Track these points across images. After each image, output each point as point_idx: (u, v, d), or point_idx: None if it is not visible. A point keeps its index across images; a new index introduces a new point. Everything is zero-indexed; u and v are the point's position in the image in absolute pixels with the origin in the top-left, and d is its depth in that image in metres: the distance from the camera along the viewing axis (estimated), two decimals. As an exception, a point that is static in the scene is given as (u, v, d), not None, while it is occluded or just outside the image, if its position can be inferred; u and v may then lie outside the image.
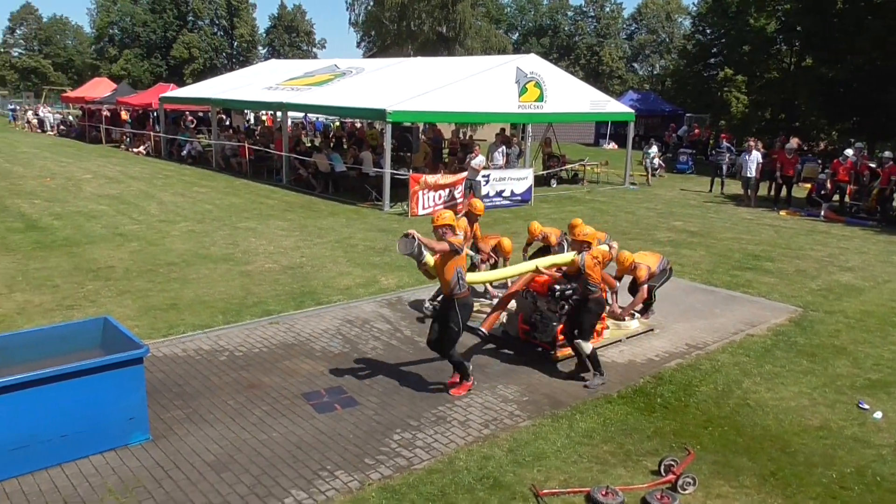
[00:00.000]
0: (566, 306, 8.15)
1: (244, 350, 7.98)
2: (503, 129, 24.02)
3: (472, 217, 9.82)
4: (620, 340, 8.71)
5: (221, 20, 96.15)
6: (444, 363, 7.82)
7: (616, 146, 39.61)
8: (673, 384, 7.46)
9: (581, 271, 7.37)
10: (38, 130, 41.51)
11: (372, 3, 51.78)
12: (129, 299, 9.61)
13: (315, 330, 8.75)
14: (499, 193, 18.87)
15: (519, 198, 19.27)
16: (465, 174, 18.33)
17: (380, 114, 17.79)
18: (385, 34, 51.49)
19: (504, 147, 21.39)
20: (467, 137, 28.09)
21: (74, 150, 30.80)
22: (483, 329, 7.81)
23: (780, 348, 8.67)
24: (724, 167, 23.42)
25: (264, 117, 37.17)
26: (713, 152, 26.15)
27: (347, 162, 20.67)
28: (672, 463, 5.61)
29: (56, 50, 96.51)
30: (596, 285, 7.37)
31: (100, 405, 5.66)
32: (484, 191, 18.44)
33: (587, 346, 7.36)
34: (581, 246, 7.57)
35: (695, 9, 49.39)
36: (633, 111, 25.21)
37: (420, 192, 17.03)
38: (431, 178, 17.40)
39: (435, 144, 24.22)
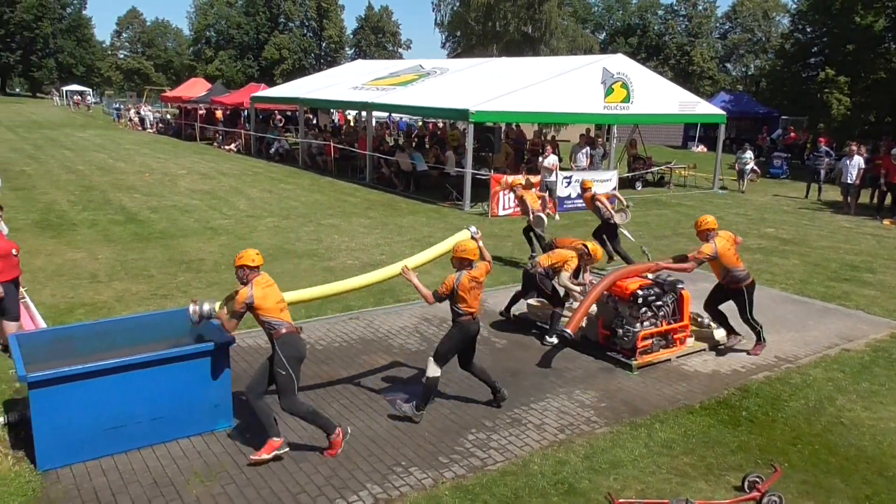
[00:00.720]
0: (648, 312, 7.97)
1: (324, 344, 8.18)
2: (587, 130, 23.67)
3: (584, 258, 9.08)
4: (704, 350, 8.43)
5: (311, 22, 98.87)
6: (521, 365, 7.78)
7: (705, 149, 38.34)
8: (760, 397, 7.16)
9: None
10: (139, 128, 43.78)
11: (458, 4, 52.11)
12: (217, 291, 10.01)
13: (393, 327, 8.88)
14: (580, 195, 18.57)
15: (602, 200, 18.91)
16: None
17: (462, 114, 17.86)
18: (470, 34, 51.67)
19: (588, 148, 21.08)
20: (548, 138, 27.83)
21: (171, 147, 32.34)
22: (568, 331, 7.70)
23: (880, 365, 8.18)
24: (822, 172, 22.28)
25: (335, 117, 37.92)
26: (811, 156, 24.81)
27: (429, 161, 20.85)
28: (757, 479, 5.39)
29: (157, 52, 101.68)
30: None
31: (188, 392, 5.93)
32: (565, 192, 18.23)
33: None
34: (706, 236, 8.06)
35: (795, 6, 47.15)
36: (724, 113, 24.37)
37: (501, 193, 16.99)
38: (511, 178, 17.31)
39: (517, 145, 24.11)
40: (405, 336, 8.58)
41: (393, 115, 38.37)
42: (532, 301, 9.43)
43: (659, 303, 8.02)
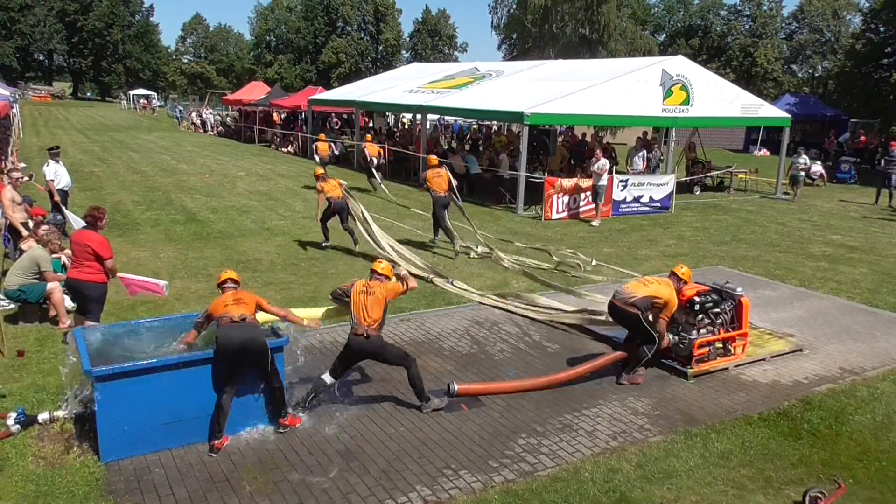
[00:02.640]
0: (705, 319, 7.78)
1: (376, 345, 8.24)
2: (645, 133, 23.29)
3: None
4: (764, 359, 8.19)
5: (368, 25, 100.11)
6: (566, 368, 7.69)
7: (768, 153, 37.26)
8: (823, 410, 6.91)
9: None
10: (201, 131, 45.06)
11: (515, 6, 51.99)
12: (273, 290, 10.21)
13: (444, 329, 8.90)
14: (637, 199, 18.32)
15: (658, 204, 18.61)
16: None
17: (517, 116, 17.79)
18: (526, 37, 51.45)
19: (645, 151, 20.74)
20: (602, 141, 27.49)
21: (231, 149, 33.17)
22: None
23: (954, 380, 7.80)
24: (894, 177, 21.37)
25: (391, 120, 38.21)
26: (881, 161, 23.78)
27: (483, 164, 20.83)
28: (819, 495, 5.20)
29: (219, 56, 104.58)
30: None
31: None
32: (621, 196, 17.97)
33: None
34: None
35: (867, 5, 45.43)
36: (789, 116, 23.64)
37: (555, 196, 16.86)
38: (567, 182, 17.17)
39: (574, 148, 23.88)
40: (456, 339, 8.60)
41: (446, 117, 38.53)
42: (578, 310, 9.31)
43: (717, 310, 7.83)
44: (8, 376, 7.00)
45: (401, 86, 26.71)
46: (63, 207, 13.08)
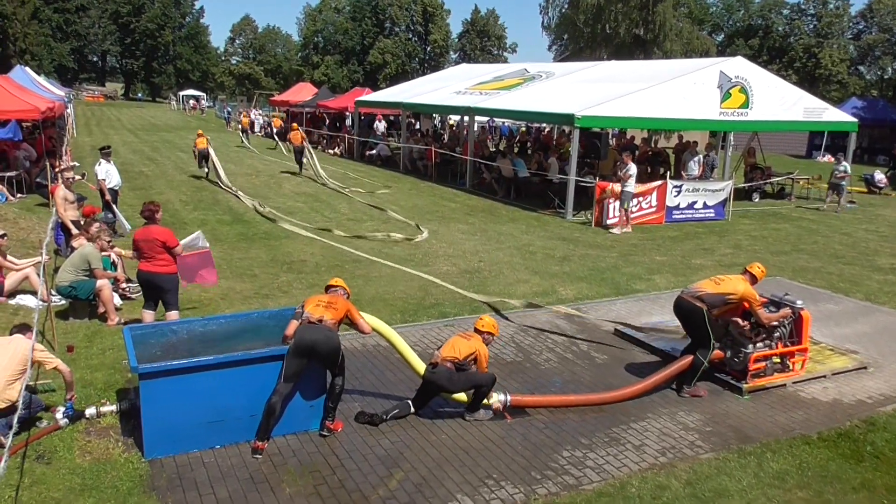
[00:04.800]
0: (762, 332, 7.60)
1: (419, 350, 8.26)
2: (680, 137, 22.92)
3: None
4: (825, 376, 7.95)
5: (417, 26, 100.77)
6: (622, 382, 7.60)
7: (832, 159, 36.22)
8: (888, 432, 6.68)
9: None
10: (249, 132, 45.94)
11: (566, 6, 51.71)
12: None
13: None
14: (691, 205, 18.01)
15: (713, 211, 18.26)
16: (657, 183, 17.70)
17: (568, 118, 17.68)
18: (578, 37, 51.16)
19: (700, 156, 20.39)
20: (657, 145, 27.10)
21: (277, 150, 33.71)
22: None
23: None
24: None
25: (438, 121, 38.34)
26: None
27: (531, 167, 20.76)
28: (882, 521, 5.03)
29: (267, 57, 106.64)
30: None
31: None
32: (674, 202, 17.69)
33: None
34: None
35: (942, 2, 43.88)
36: (855, 120, 22.95)
37: (606, 202, 16.68)
38: (618, 187, 16.97)
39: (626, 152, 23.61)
40: (500, 346, 8.57)
41: (495, 119, 38.51)
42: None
43: (775, 322, 7.64)
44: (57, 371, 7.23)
45: (448, 87, 26.82)
46: (113, 206, 13.49)
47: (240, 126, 37.12)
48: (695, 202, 18.08)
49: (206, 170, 22.67)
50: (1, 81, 18.37)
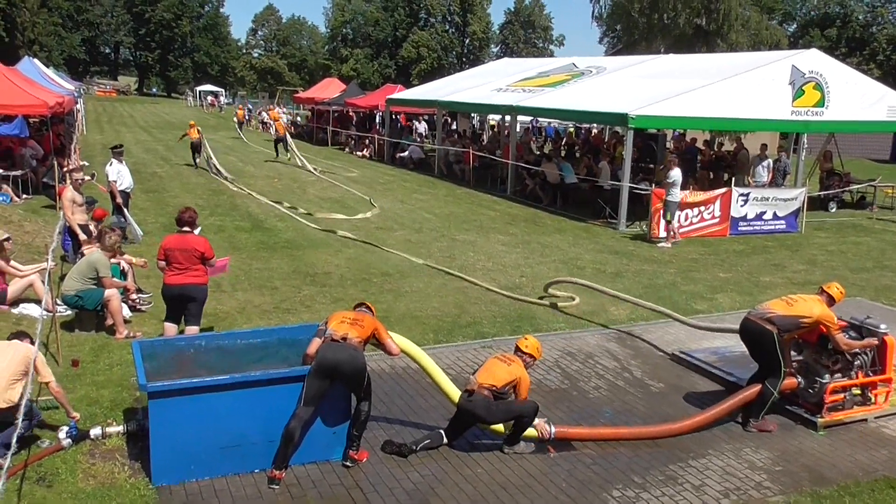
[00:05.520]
0: (840, 361, 7.42)
1: (453, 373, 8.25)
2: (771, 139, 22.58)
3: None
4: (913, 411, 7.73)
5: (454, 17, 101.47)
6: (679, 413, 7.49)
7: (921, 165, 35.42)
8: None
9: None
10: (271, 131, 46.55)
11: (620, -5, 51.49)
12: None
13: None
14: (759, 216, 17.73)
15: (783, 223, 17.96)
16: (720, 191, 17.46)
17: (621, 118, 17.58)
18: (632, 28, 50.92)
19: (769, 161, 20.10)
20: (721, 149, 26.78)
21: (301, 151, 34.07)
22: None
23: None
24: None
25: (476, 121, 38.41)
26: None
27: (580, 172, 20.67)
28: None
29: (292, 50, 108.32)
30: None
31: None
32: (741, 212, 17.44)
33: None
34: None
35: None
36: (948, 121, 22.41)
37: (663, 211, 16.50)
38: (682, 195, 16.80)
39: (686, 155, 23.39)
40: (544, 371, 8.51)
41: (539, 119, 38.47)
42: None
43: (855, 350, 7.46)
44: (61, 386, 7.35)
45: (489, 84, 26.88)
46: (125, 210, 13.76)
47: (235, 118, 42.57)
48: (763, 212, 17.81)
49: (198, 158, 25.94)
50: (7, 74, 18.90)
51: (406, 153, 29.63)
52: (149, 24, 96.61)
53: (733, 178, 20.96)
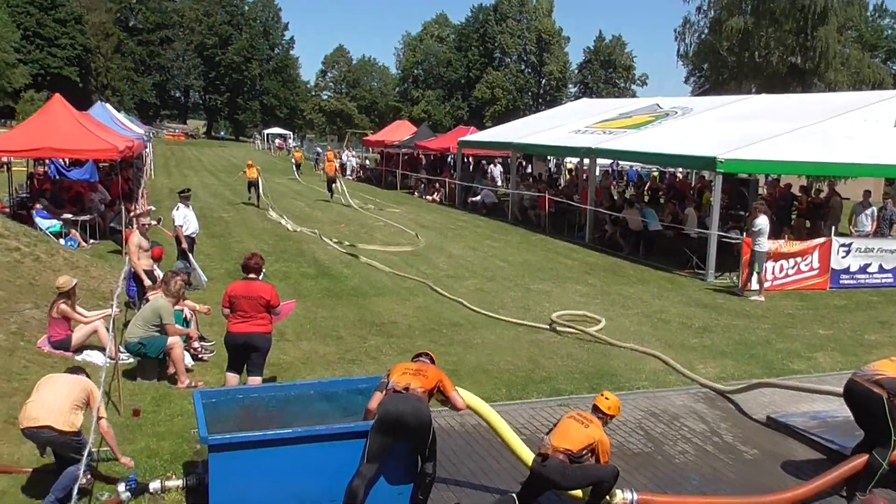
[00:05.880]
0: None
1: (527, 433, 8.14)
2: (875, 186, 21.90)
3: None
4: None
5: (530, 56, 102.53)
6: (777, 483, 7.19)
7: None
8: None
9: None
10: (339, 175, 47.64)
11: (707, 31, 51.24)
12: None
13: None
14: (863, 268, 17.11)
15: (891, 276, 17.28)
16: (818, 241, 16.96)
17: (709, 162, 17.34)
18: (721, 67, 50.52)
19: (873, 209, 19.47)
20: (819, 195, 26.06)
21: (370, 195, 34.70)
22: None
23: None
24: None
25: (552, 164, 38.40)
26: None
27: (664, 219, 20.40)
28: None
29: (362, 92, 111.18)
30: None
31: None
32: (843, 264, 16.87)
33: None
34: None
35: None
36: None
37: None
38: (772, 245, 16.39)
39: (780, 202, 22.87)
40: (626, 433, 8.32)
41: (620, 162, 38.28)
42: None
43: None
44: (121, 437, 7.54)
45: (566, 125, 26.94)
46: (190, 256, 14.18)
47: (292, 160, 47.06)
48: (868, 265, 17.18)
49: (249, 196, 29.00)
50: (80, 119, 19.89)
51: (478, 197, 29.82)
52: (219, 68, 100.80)
53: (833, 227, 20.35)
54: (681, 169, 31.47)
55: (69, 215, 18.22)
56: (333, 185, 31.92)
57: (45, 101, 35.17)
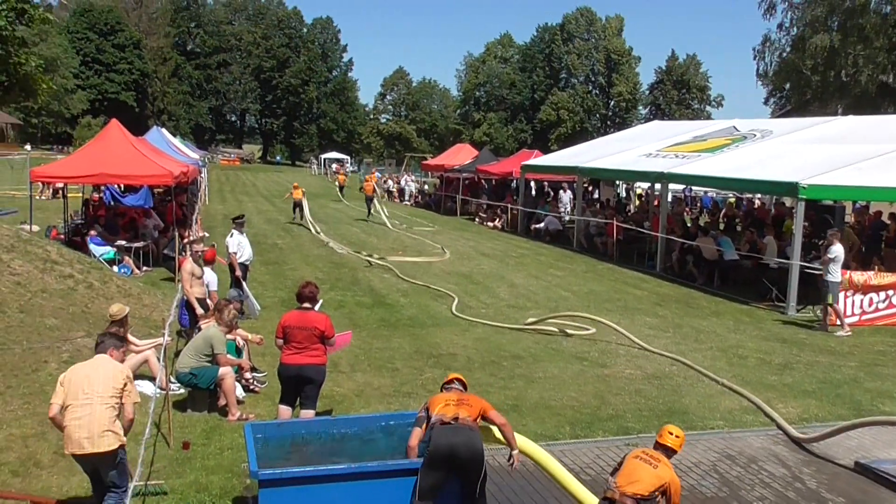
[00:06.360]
0: None
1: (592, 474, 8.05)
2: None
3: None
4: None
5: (598, 77, 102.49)
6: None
7: None
8: None
9: None
10: (397, 200, 48.05)
11: (789, 49, 50.60)
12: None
13: (684, 461, 8.47)
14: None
15: None
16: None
17: (790, 188, 17.08)
18: (804, 87, 49.75)
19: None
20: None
21: (428, 221, 34.94)
22: None
23: None
24: None
25: (622, 189, 38.08)
26: None
27: (741, 248, 20.07)
28: None
29: (421, 115, 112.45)
30: None
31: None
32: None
33: None
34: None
35: None
36: None
37: (843, 294, 15.69)
38: (860, 277, 15.96)
39: (869, 231, 22.28)
40: (698, 475, 8.15)
41: (693, 188, 37.81)
42: None
43: None
44: (171, 470, 7.71)
45: (636, 148, 26.80)
46: (244, 284, 14.46)
47: (337, 182, 50.43)
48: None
49: (294, 216, 32.26)
50: (136, 144, 20.57)
51: (542, 224, 29.76)
52: (275, 91, 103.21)
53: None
54: (759, 195, 30.99)
55: (123, 242, 18.81)
56: (371, 204, 34.97)
57: (101, 127, 36.65)
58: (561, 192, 34.51)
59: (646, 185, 32.27)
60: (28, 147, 43.51)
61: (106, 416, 6.29)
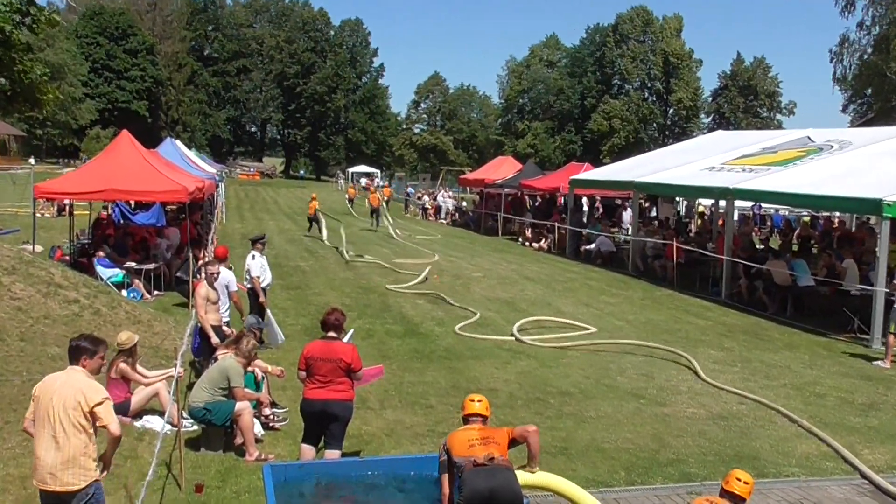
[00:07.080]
0: None
1: (650, 526, 7.93)
2: None
3: None
4: None
5: (655, 82, 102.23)
6: None
7: None
8: None
9: None
10: (432, 218, 48.13)
11: (870, 51, 50.09)
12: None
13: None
14: None
15: None
16: None
17: (872, 205, 16.89)
18: (888, 92, 49.17)
19: None
20: None
21: (466, 241, 35.00)
22: None
23: None
24: None
25: (683, 206, 37.77)
26: None
27: (818, 273, 19.80)
28: None
29: (459, 125, 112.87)
30: None
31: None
32: None
33: None
34: None
35: None
36: None
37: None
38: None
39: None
40: (772, 529, 7.98)
41: (763, 205, 37.46)
42: None
43: None
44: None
45: (698, 161, 26.64)
46: (268, 311, 14.46)
47: (347, 196, 55.19)
48: None
49: (310, 228, 34.93)
50: (148, 157, 20.79)
51: (593, 245, 29.60)
52: (299, 99, 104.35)
53: None
54: (838, 213, 30.57)
55: (132, 263, 18.96)
56: (377, 215, 39.48)
57: (111, 139, 37.25)
58: (622, 210, 34.36)
59: (709, 201, 32.03)
60: (32, 160, 44.25)
61: (72, 445, 5.84)
